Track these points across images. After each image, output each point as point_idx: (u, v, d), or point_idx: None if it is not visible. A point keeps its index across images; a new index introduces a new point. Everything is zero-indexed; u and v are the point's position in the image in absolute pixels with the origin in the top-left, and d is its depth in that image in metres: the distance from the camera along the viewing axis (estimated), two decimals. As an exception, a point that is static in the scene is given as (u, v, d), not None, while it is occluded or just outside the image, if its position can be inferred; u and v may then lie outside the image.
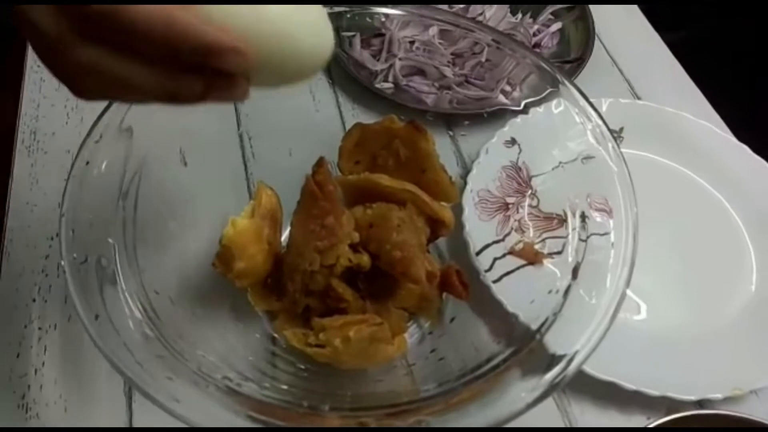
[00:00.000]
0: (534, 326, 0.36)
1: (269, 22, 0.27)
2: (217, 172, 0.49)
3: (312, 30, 0.28)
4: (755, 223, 0.56)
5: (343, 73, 0.60)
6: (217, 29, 0.25)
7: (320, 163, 0.41)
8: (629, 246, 0.36)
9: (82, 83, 0.27)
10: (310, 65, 0.29)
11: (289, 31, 0.27)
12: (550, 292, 0.37)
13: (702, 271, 0.53)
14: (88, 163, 0.37)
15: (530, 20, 0.69)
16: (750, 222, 0.56)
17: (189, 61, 0.26)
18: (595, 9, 0.69)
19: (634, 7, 0.76)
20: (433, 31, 0.64)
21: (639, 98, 0.66)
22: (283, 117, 0.50)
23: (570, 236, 0.40)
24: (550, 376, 0.33)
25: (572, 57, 0.66)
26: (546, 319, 0.35)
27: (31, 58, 0.64)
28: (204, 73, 0.26)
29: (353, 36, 0.64)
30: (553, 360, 0.33)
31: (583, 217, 0.40)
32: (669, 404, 0.44)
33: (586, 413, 0.46)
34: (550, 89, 0.44)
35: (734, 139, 0.60)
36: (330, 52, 0.29)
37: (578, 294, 0.36)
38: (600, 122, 0.42)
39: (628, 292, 0.50)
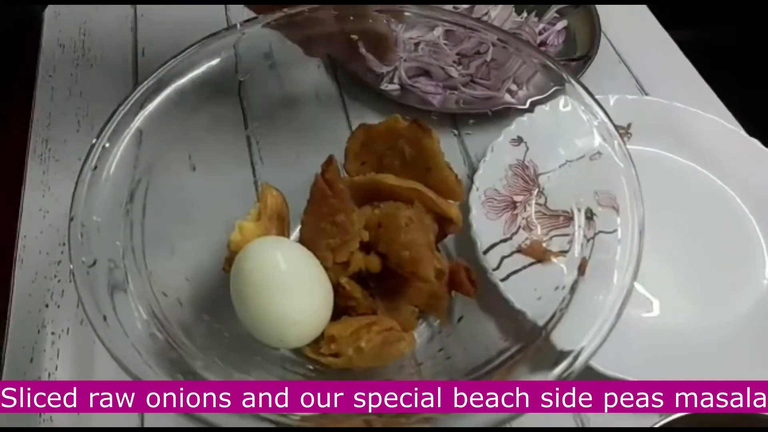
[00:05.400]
0: (541, 323, 0.36)
1: None
2: (225, 177, 0.49)
3: None
4: (767, 217, 0.55)
5: (349, 76, 0.61)
6: None
7: (329, 161, 0.41)
8: (635, 242, 0.35)
9: None
10: None
11: None
12: (556, 288, 0.37)
13: (713, 266, 0.53)
14: (96, 167, 0.37)
15: (535, 19, 0.69)
16: (761, 216, 0.55)
17: None
18: (601, 6, 0.69)
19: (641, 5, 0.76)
20: (438, 31, 0.64)
21: (647, 95, 0.65)
22: (291, 121, 0.51)
23: (577, 233, 0.40)
24: (557, 371, 0.32)
25: (578, 54, 0.66)
26: (553, 316, 0.35)
27: (43, 67, 0.65)
28: None
29: (359, 39, 0.64)
30: (561, 356, 0.33)
31: (590, 214, 0.40)
32: (681, 401, 0.44)
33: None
34: (556, 87, 0.44)
35: (744, 134, 0.60)
36: None
37: (585, 290, 0.35)
38: (606, 120, 0.41)
39: (641, 288, 0.51)
